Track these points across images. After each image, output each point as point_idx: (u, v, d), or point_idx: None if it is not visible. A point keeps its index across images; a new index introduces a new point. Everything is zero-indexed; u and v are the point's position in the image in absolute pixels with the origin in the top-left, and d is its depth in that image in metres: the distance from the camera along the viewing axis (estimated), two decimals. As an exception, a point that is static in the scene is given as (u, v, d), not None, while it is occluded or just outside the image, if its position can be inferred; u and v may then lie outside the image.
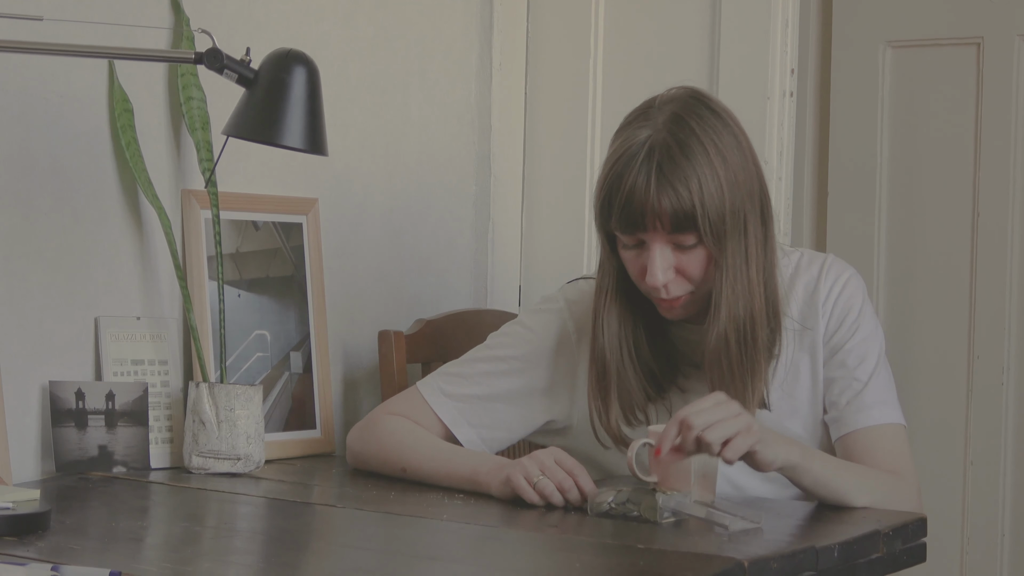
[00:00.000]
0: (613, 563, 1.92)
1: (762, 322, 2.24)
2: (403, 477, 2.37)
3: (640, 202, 2.17)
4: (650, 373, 2.30)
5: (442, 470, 2.32)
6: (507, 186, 3.13)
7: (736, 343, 2.23)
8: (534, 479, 2.18)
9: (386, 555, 1.95)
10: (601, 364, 2.28)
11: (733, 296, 2.22)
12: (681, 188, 2.16)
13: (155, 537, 2.08)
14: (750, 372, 2.24)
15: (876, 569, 2.08)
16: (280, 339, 2.66)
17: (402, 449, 2.38)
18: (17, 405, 2.35)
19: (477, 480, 2.27)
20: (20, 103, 2.36)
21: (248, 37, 2.55)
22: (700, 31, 2.98)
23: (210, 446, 2.43)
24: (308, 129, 2.20)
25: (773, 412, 2.30)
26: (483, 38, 3.09)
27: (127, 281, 2.50)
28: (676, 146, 2.18)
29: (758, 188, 2.24)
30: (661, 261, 2.20)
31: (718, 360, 2.23)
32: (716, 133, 2.20)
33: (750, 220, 2.22)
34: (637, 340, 2.29)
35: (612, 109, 3.06)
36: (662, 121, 2.20)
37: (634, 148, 2.19)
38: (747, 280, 2.23)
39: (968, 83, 3.27)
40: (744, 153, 2.23)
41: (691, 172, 2.17)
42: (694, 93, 2.25)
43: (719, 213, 2.18)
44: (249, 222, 2.64)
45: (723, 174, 2.19)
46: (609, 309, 2.28)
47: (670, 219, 2.17)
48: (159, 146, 2.54)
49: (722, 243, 2.20)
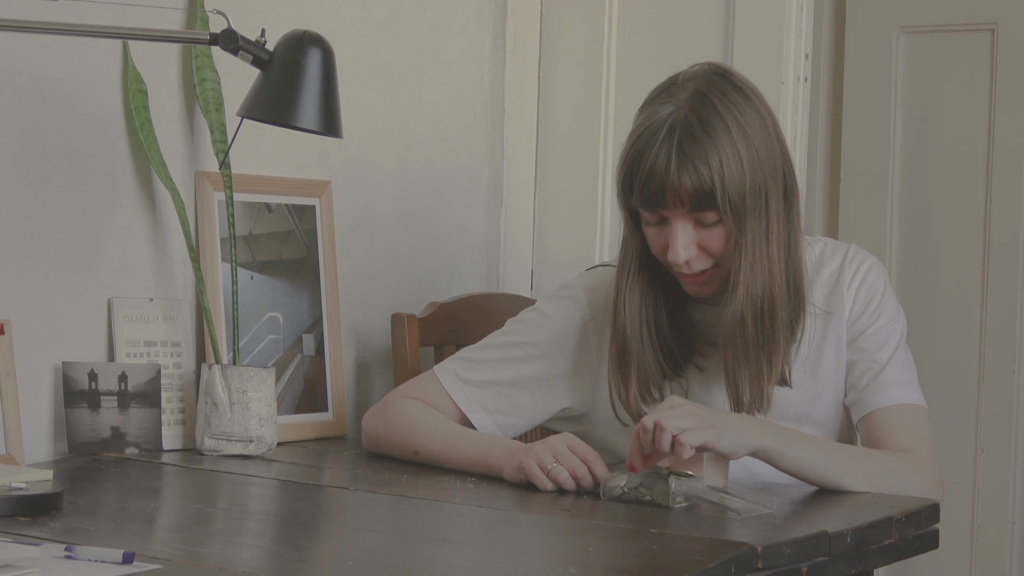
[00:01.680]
0: (626, 547, 1.92)
1: (782, 300, 2.24)
2: (415, 460, 2.37)
3: (660, 180, 2.17)
4: (668, 351, 2.29)
5: (454, 453, 2.32)
6: (520, 169, 3.13)
7: (753, 321, 2.22)
8: (547, 466, 2.18)
9: (399, 538, 1.95)
10: (622, 340, 2.28)
11: (751, 274, 2.22)
12: (701, 166, 2.16)
13: (168, 518, 2.08)
14: (766, 351, 2.23)
15: (888, 555, 2.08)
16: (292, 321, 2.66)
17: (415, 431, 2.38)
18: (30, 385, 2.35)
19: (489, 464, 2.27)
20: (34, 84, 2.36)
21: (261, 18, 2.55)
22: (714, 14, 2.97)
23: (222, 428, 2.43)
24: (323, 111, 2.20)
25: (797, 395, 2.29)
26: (497, 21, 3.08)
27: (140, 262, 2.50)
28: (698, 123, 2.17)
29: (781, 165, 2.24)
30: (683, 238, 2.20)
31: (733, 338, 2.23)
32: (739, 110, 2.20)
33: (772, 197, 2.22)
34: (657, 317, 2.29)
35: (626, 93, 3.06)
36: (684, 98, 2.19)
37: (655, 125, 2.18)
38: (767, 258, 2.22)
39: (982, 69, 3.26)
40: (767, 130, 2.22)
41: (712, 150, 2.16)
42: (718, 69, 2.25)
43: (739, 192, 2.18)
44: (262, 204, 2.63)
45: (744, 152, 2.18)
46: (631, 286, 2.28)
47: (690, 197, 2.17)
48: (173, 127, 2.53)
49: (742, 221, 2.19)
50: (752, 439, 2.15)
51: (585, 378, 2.39)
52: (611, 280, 2.36)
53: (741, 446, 2.14)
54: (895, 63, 3.36)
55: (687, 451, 2.08)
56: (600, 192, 3.08)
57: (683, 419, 2.09)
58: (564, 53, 3.11)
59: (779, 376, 2.25)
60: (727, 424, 2.14)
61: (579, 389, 2.39)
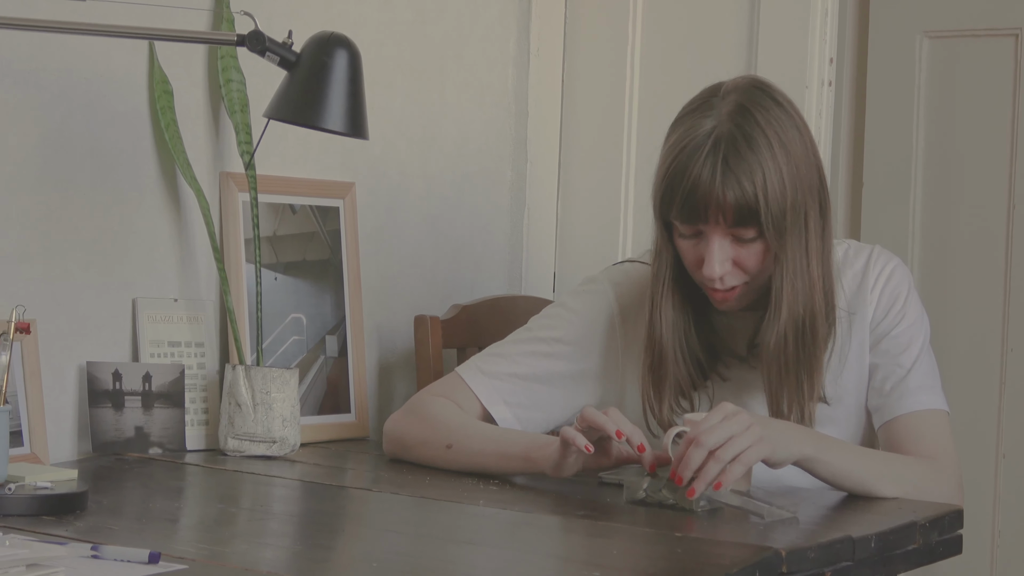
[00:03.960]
0: (651, 550, 1.92)
1: (821, 317, 2.23)
2: (445, 456, 2.32)
3: (704, 194, 2.15)
4: (696, 361, 2.29)
5: (491, 447, 2.29)
6: (543, 172, 3.13)
7: (794, 341, 2.22)
8: (605, 425, 2.14)
9: (423, 539, 1.96)
10: (659, 353, 2.27)
11: (793, 293, 2.21)
12: (746, 182, 2.14)
13: (191, 518, 2.08)
14: (807, 368, 2.23)
15: (912, 560, 2.07)
16: (316, 323, 2.66)
17: (449, 425, 2.34)
18: (55, 385, 2.36)
19: (531, 457, 2.24)
20: (60, 84, 2.37)
21: (286, 19, 2.55)
22: (739, 18, 2.97)
23: (246, 429, 2.44)
24: (350, 113, 2.20)
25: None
26: (521, 24, 3.09)
27: (165, 262, 2.50)
28: (742, 138, 2.16)
29: (817, 180, 2.23)
30: (719, 253, 2.19)
31: (777, 358, 2.22)
32: (780, 125, 2.18)
33: (811, 214, 2.21)
34: (688, 329, 2.28)
35: (649, 97, 3.06)
36: (726, 112, 2.18)
37: (699, 139, 2.16)
38: (807, 275, 2.21)
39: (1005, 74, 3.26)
40: (806, 144, 2.22)
41: (756, 165, 2.15)
42: (757, 83, 2.23)
43: (781, 208, 2.16)
44: (286, 205, 2.64)
45: (786, 168, 2.17)
46: (666, 298, 2.26)
47: (733, 213, 2.16)
48: (198, 128, 2.54)
49: (783, 238, 2.18)
50: (797, 448, 2.15)
51: (611, 375, 2.38)
52: (638, 277, 2.35)
53: (788, 456, 2.14)
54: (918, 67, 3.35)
55: (740, 470, 2.06)
56: (623, 195, 3.08)
57: (739, 441, 2.06)
58: (588, 56, 3.11)
59: (819, 394, 2.24)
60: (778, 435, 2.13)
61: (604, 386, 2.38)
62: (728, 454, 2.05)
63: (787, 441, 2.14)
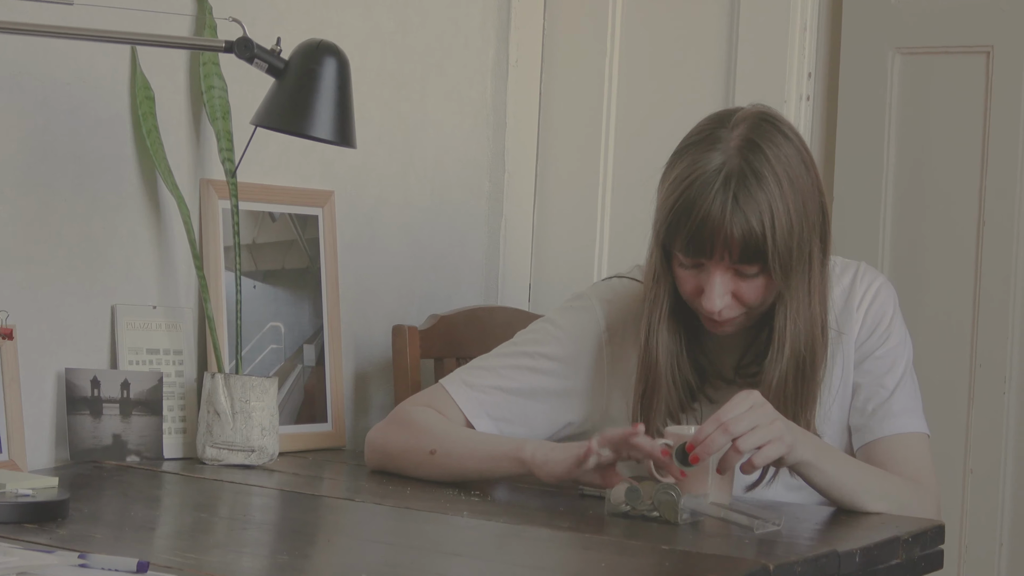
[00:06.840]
0: (638, 563, 1.91)
1: (821, 353, 2.24)
2: (428, 462, 2.31)
3: (712, 230, 2.14)
4: (686, 384, 2.29)
5: (479, 449, 2.28)
6: (520, 183, 3.13)
7: (795, 378, 2.22)
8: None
9: (409, 550, 1.95)
10: (653, 379, 2.26)
11: (795, 331, 2.21)
12: (754, 219, 2.14)
13: (173, 527, 2.07)
14: (803, 403, 2.23)
15: (895, 574, 2.08)
16: (294, 331, 2.65)
17: (432, 432, 2.32)
18: (33, 391, 2.34)
19: (521, 457, 2.23)
20: (42, 88, 2.35)
21: (269, 26, 2.54)
22: (717, 32, 2.98)
23: (224, 437, 2.42)
24: (338, 121, 2.20)
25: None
26: (500, 34, 3.09)
27: (144, 269, 2.49)
28: (751, 175, 2.14)
29: (821, 215, 2.22)
30: (720, 287, 2.18)
31: (776, 396, 2.21)
32: (788, 160, 2.18)
33: (814, 250, 2.21)
34: (680, 353, 2.28)
35: (627, 109, 3.06)
36: (735, 146, 2.17)
37: (709, 175, 2.15)
38: (809, 312, 2.22)
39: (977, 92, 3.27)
40: (811, 178, 2.21)
41: (764, 203, 2.14)
42: (766, 116, 2.22)
43: (787, 246, 2.16)
44: (266, 213, 2.63)
45: (793, 206, 2.16)
46: (663, 324, 2.25)
47: (740, 249, 2.15)
48: (179, 134, 2.53)
49: (788, 277, 2.18)
50: (802, 451, 2.15)
51: (596, 393, 2.37)
52: (627, 294, 2.35)
53: (797, 458, 2.14)
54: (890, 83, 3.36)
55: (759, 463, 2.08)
56: (599, 207, 3.08)
57: (762, 432, 2.07)
58: (566, 67, 3.11)
59: (813, 427, 2.25)
60: (794, 435, 2.13)
61: (589, 404, 2.38)
62: (750, 444, 2.06)
63: (799, 443, 2.14)
